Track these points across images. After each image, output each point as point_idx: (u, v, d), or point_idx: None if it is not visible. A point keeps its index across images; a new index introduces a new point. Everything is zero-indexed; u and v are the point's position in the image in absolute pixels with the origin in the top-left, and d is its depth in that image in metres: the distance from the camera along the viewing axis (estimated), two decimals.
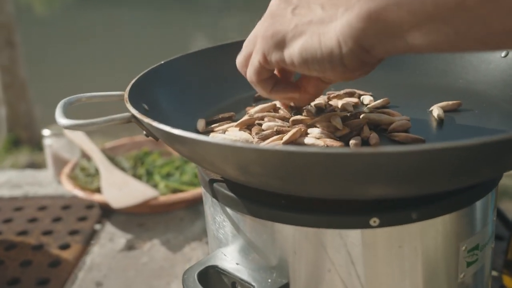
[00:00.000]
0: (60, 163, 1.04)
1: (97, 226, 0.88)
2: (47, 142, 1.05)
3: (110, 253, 0.81)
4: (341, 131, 0.43)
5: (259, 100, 0.56)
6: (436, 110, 0.47)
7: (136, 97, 0.44)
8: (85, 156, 1.02)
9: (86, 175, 0.96)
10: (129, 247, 0.83)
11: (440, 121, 0.47)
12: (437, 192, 0.36)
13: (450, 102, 0.49)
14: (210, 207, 0.45)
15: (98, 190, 0.91)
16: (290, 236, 0.38)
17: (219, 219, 0.44)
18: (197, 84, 0.54)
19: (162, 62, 0.52)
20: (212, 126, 0.49)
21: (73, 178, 0.95)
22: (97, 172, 0.96)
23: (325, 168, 0.30)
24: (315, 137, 0.41)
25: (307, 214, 0.37)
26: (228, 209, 0.42)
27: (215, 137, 0.32)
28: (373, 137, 0.42)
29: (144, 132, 0.40)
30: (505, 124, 0.45)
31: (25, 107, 3.37)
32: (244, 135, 0.45)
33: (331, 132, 0.43)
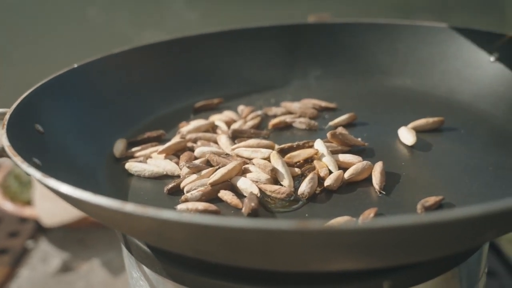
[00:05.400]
0: None
1: (30, 243, 0.77)
2: None
3: (41, 277, 0.70)
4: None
5: (199, 111, 0.46)
6: (406, 135, 0.37)
7: (26, 116, 0.34)
8: None
9: (20, 184, 0.84)
10: (65, 268, 0.72)
11: (417, 147, 0.37)
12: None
13: (431, 120, 0.39)
14: (126, 257, 0.35)
15: (31, 202, 0.80)
16: None
17: (135, 275, 0.34)
18: (119, 91, 0.43)
19: (75, 65, 0.42)
20: (134, 149, 0.39)
21: (5, 187, 0.84)
22: (30, 180, 0.85)
23: (284, 247, 0.20)
24: (251, 179, 0.31)
25: (259, 285, 0.27)
26: (144, 267, 0.32)
27: (98, 198, 0.19)
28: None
29: None
30: (496, 151, 0.36)
31: None
32: (170, 165, 0.35)
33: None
